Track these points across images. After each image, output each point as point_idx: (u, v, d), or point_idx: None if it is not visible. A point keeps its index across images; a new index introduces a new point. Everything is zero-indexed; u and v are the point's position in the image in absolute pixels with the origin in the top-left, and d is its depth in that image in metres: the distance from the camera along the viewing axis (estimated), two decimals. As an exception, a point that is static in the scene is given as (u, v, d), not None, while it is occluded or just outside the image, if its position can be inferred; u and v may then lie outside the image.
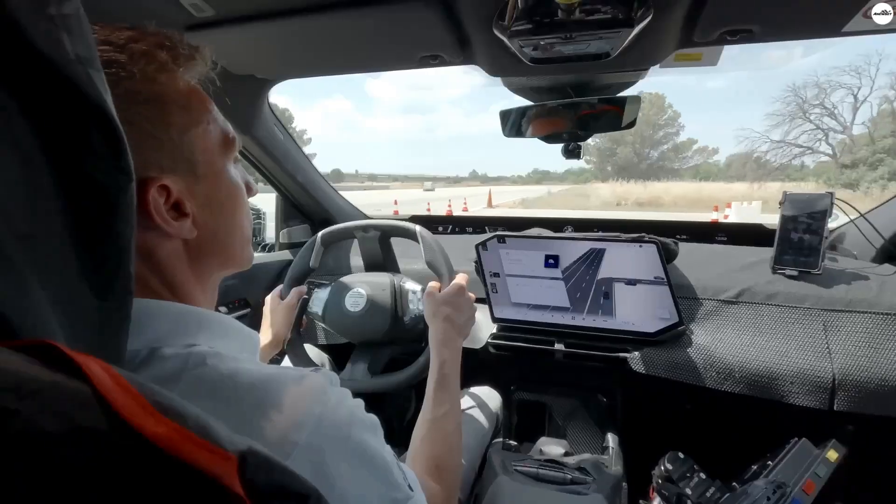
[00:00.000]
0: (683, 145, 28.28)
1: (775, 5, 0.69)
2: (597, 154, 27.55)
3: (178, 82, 0.39)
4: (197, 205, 0.40)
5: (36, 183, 0.23)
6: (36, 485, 0.15)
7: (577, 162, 12.27)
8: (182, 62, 0.39)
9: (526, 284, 1.03)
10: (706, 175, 28.68)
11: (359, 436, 0.37)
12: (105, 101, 0.25)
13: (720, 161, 30.16)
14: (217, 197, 0.42)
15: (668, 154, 28.21)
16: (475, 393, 1.05)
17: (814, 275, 0.96)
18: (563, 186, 15.37)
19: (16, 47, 0.21)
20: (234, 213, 0.44)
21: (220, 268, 0.45)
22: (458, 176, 62.68)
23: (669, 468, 0.84)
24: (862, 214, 1.06)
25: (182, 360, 0.35)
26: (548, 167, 21.95)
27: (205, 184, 0.40)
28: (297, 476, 0.23)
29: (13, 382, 0.17)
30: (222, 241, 0.43)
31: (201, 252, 0.42)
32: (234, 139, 0.44)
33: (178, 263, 0.40)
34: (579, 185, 24.31)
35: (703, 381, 0.92)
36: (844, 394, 0.84)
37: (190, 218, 0.39)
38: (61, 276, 0.24)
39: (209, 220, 0.41)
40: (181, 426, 0.19)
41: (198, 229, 0.40)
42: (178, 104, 0.38)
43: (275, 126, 1.25)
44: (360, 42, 0.86)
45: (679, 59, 0.87)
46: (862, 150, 18.74)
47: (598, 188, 21.97)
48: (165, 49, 0.38)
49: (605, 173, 28.26)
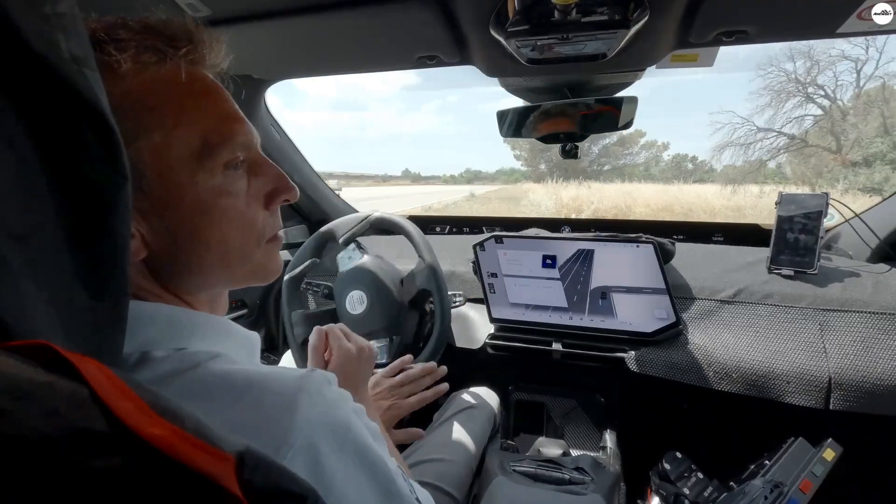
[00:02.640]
0: (630, 138, 23.15)
1: (770, 7, 0.69)
2: (528, 149, 22.42)
3: (125, 84, 0.33)
4: (146, 224, 0.35)
5: (31, 183, 0.23)
6: (31, 487, 0.15)
7: (508, 159, 10.11)
8: (130, 57, 0.33)
9: (524, 285, 1.04)
10: (648, 175, 23.67)
11: (358, 438, 0.36)
12: (100, 100, 0.25)
13: (665, 158, 24.45)
14: (176, 214, 0.36)
15: (613, 149, 23.39)
16: (473, 393, 1.04)
17: (810, 275, 0.97)
18: (492, 187, 12.39)
19: (10, 47, 0.21)
20: (206, 232, 0.37)
21: (205, 287, 0.41)
22: (387, 174, 60.41)
23: (667, 468, 0.84)
24: (857, 214, 1.07)
25: (174, 362, 0.34)
26: (480, 167, 19.74)
27: (156, 201, 0.35)
28: (294, 476, 0.23)
29: (8, 383, 0.16)
30: (189, 261, 0.38)
31: (171, 272, 0.38)
32: (222, 143, 0.37)
33: (143, 281, 0.38)
34: (510, 186, 20.07)
35: (701, 380, 0.92)
36: (841, 393, 0.84)
37: (137, 238, 0.35)
38: (57, 277, 0.24)
39: (165, 239, 0.36)
40: (178, 427, 0.19)
41: (151, 249, 0.36)
42: (118, 112, 0.29)
43: (272, 126, 1.25)
44: (356, 42, 0.86)
45: (675, 59, 0.87)
46: (875, 143, 13.81)
47: (532, 190, 18.11)
48: (102, 42, 0.32)
49: (538, 173, 23.08)
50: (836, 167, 15.45)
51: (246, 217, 0.40)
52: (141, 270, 0.37)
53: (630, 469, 0.96)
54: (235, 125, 0.39)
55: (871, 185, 13.11)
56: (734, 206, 13.27)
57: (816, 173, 16.24)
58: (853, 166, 14.55)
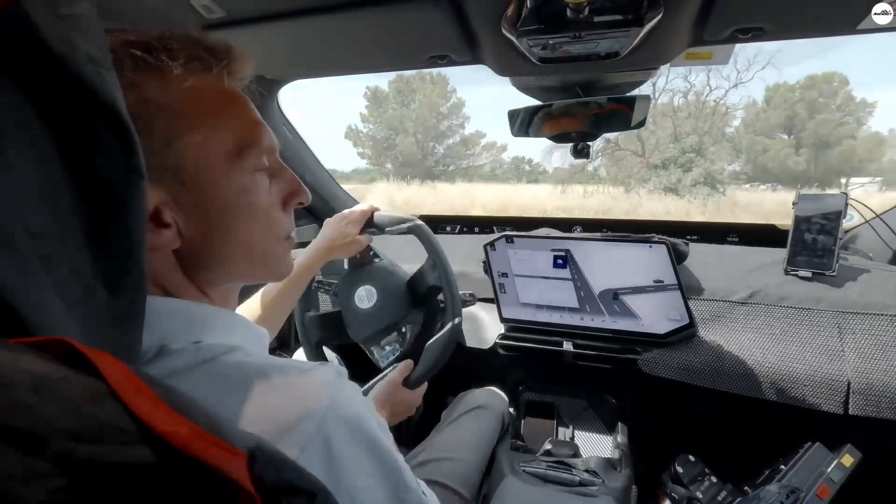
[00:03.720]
0: (471, 139, 21.99)
1: (787, 3, 0.68)
2: (371, 146, 20.85)
3: (170, 87, 0.36)
4: (183, 215, 0.38)
5: (50, 181, 0.23)
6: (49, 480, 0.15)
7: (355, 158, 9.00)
8: (179, 64, 0.36)
9: (534, 284, 1.03)
10: (493, 176, 23.12)
11: (369, 431, 0.37)
12: (117, 100, 0.25)
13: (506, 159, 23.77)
14: (210, 208, 0.39)
15: (457, 149, 21.95)
16: (483, 392, 1.04)
17: (828, 276, 0.95)
18: (347, 186, 12.02)
19: (29, 47, 0.22)
20: (234, 226, 0.40)
21: (226, 279, 0.43)
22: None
23: (680, 471, 0.83)
24: (878, 215, 1.04)
25: (192, 355, 0.35)
26: (334, 166, 18.73)
27: (193, 194, 0.38)
28: (305, 472, 0.24)
29: (28, 379, 0.17)
30: (218, 254, 0.41)
31: (198, 263, 0.40)
32: (252, 146, 0.41)
33: (171, 273, 0.39)
34: (364, 186, 18.76)
35: (715, 383, 0.91)
36: (860, 397, 0.82)
37: (173, 228, 0.37)
38: (74, 273, 0.25)
39: (198, 231, 0.39)
40: (192, 423, 0.19)
41: (184, 240, 0.38)
42: (167, 110, 0.36)
43: (284, 126, 1.26)
44: (368, 42, 0.86)
45: (690, 57, 0.86)
46: (669, 148, 15.91)
47: (373, 191, 17.46)
48: (154, 52, 0.36)
49: (384, 171, 21.76)
50: (642, 169, 17.27)
51: (269, 216, 0.43)
52: (170, 261, 0.39)
53: (642, 472, 0.95)
54: (262, 131, 0.42)
55: (669, 185, 14.95)
56: (564, 207, 14.12)
57: (627, 174, 17.78)
58: (655, 168, 16.35)
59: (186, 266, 0.40)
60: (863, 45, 33.47)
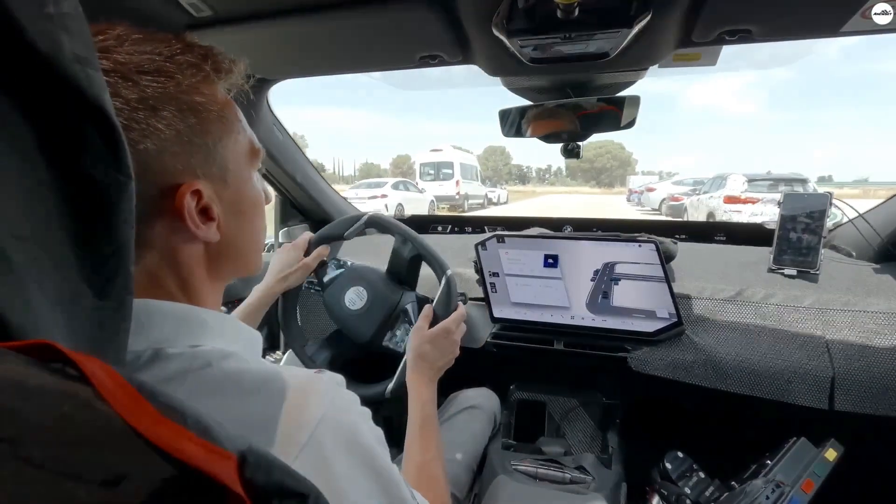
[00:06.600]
0: None
1: (773, 6, 0.69)
2: None
3: (217, 94, 0.40)
4: (223, 210, 0.41)
5: (35, 183, 0.23)
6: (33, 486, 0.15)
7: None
8: (223, 75, 0.41)
9: (525, 284, 1.04)
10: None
11: (365, 441, 0.37)
12: (104, 100, 0.25)
13: None
14: (241, 204, 0.43)
15: None
16: (474, 392, 1.05)
17: (812, 274, 0.97)
18: None
19: (14, 46, 0.21)
20: (254, 221, 0.45)
21: (234, 273, 0.46)
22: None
23: (669, 467, 0.84)
24: (860, 214, 1.06)
25: (187, 360, 0.35)
26: None
27: (232, 191, 0.42)
28: (297, 475, 0.23)
29: (12, 383, 0.17)
30: (241, 247, 0.44)
31: (221, 257, 0.43)
32: (260, 150, 0.46)
33: (197, 267, 0.41)
34: None
35: (703, 380, 0.92)
36: (843, 393, 0.84)
37: (216, 222, 0.40)
38: (60, 277, 0.24)
39: (232, 226, 0.42)
40: (181, 426, 0.19)
41: (221, 234, 0.41)
42: (215, 114, 0.40)
43: (274, 126, 1.25)
44: (359, 42, 0.86)
45: (677, 59, 0.87)
46: None
47: None
48: (209, 61, 0.39)
49: None
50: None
51: (265, 215, 0.49)
52: (201, 255, 0.41)
53: (631, 469, 0.96)
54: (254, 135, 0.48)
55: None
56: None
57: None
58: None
59: (212, 260, 0.42)
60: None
